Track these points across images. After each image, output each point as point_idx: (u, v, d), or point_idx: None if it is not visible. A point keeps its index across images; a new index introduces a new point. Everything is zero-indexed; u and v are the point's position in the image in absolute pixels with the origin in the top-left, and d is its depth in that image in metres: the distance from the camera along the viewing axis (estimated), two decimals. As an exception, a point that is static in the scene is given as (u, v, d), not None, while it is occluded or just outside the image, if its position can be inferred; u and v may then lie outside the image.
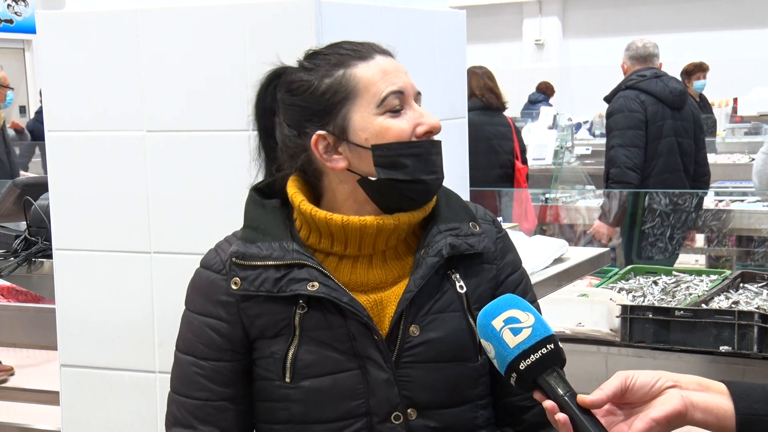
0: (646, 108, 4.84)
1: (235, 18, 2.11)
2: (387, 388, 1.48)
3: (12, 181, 3.56)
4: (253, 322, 1.52)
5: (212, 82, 2.14)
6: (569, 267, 2.91)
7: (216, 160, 2.16)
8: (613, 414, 1.28)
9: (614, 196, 4.96)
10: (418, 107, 1.53)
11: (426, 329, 1.51)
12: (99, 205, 2.27)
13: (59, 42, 2.27)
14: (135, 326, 2.26)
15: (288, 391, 1.50)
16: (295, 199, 1.54)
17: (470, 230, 1.56)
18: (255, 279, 1.50)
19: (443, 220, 1.56)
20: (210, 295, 1.55)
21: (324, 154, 1.52)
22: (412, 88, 1.53)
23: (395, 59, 1.56)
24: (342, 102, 1.50)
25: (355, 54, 1.53)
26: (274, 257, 1.50)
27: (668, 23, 16.65)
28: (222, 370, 1.54)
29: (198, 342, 1.55)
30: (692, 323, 2.91)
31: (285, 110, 1.56)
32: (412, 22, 2.38)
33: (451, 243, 1.52)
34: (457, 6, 2.66)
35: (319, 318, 1.49)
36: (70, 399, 2.36)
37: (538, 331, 1.32)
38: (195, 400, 1.56)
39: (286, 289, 1.49)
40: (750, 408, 1.28)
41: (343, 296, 1.48)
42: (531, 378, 1.30)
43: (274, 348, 1.51)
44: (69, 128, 2.29)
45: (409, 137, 1.50)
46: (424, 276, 1.50)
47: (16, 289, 3.77)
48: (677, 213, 4.93)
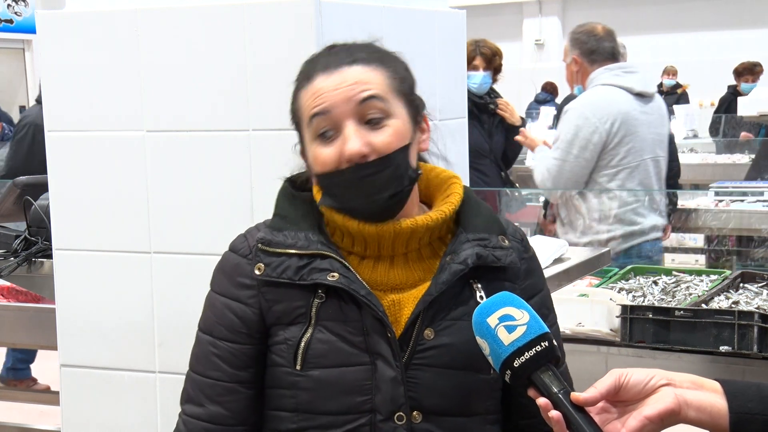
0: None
1: (235, 18, 2.11)
2: (393, 387, 1.48)
3: (12, 181, 3.56)
4: (271, 307, 1.54)
5: (212, 82, 2.14)
6: (569, 267, 2.91)
7: (216, 160, 2.16)
8: (607, 412, 1.29)
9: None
10: (348, 132, 1.48)
11: (441, 334, 1.51)
12: (99, 205, 2.27)
13: (59, 42, 2.27)
14: (135, 326, 2.26)
15: (297, 378, 1.52)
16: (317, 198, 1.56)
17: (498, 243, 1.55)
18: (278, 266, 1.52)
19: (474, 228, 1.55)
20: (233, 278, 1.57)
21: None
22: (349, 102, 1.48)
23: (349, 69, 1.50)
24: (298, 126, 1.56)
25: (303, 75, 1.54)
26: (299, 246, 1.52)
27: (668, 23, 16.65)
28: (236, 352, 1.56)
29: (217, 322, 1.58)
30: (692, 323, 2.91)
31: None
32: (412, 22, 2.38)
33: (478, 253, 1.52)
34: (457, 6, 2.66)
35: (335, 309, 1.50)
36: (70, 399, 2.36)
37: (533, 328, 1.32)
38: (208, 378, 1.58)
39: (306, 278, 1.50)
40: (744, 407, 1.28)
41: (360, 289, 1.49)
42: (525, 375, 1.31)
43: (287, 335, 1.52)
44: (69, 128, 2.29)
45: (337, 165, 1.49)
46: (447, 282, 1.50)
47: (16, 289, 3.77)
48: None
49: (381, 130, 1.49)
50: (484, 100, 4.94)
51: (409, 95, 1.55)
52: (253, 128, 2.11)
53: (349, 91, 1.48)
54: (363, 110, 1.48)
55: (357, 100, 1.48)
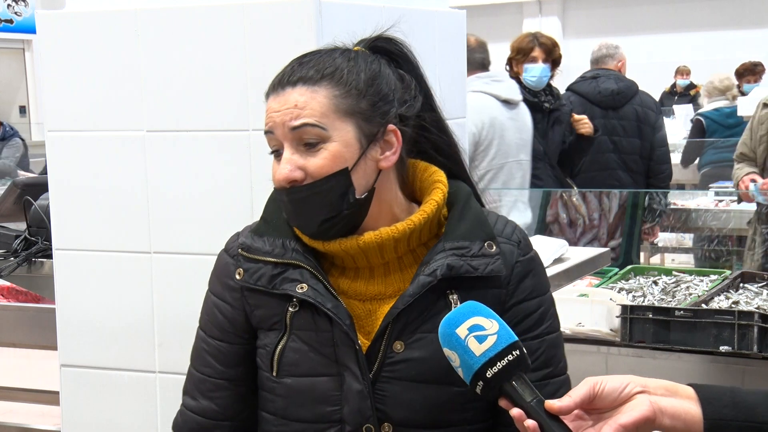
0: (572, 109, 4.97)
1: (235, 18, 2.11)
2: (360, 400, 1.48)
3: (12, 181, 3.56)
4: (253, 311, 1.56)
5: (212, 82, 2.14)
6: (569, 267, 2.92)
7: (216, 160, 2.16)
8: (582, 419, 1.27)
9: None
10: (285, 153, 1.47)
11: (411, 347, 1.48)
12: (99, 205, 2.27)
13: (59, 42, 2.27)
14: (135, 326, 2.26)
15: (273, 384, 1.54)
16: None
17: (481, 251, 1.50)
18: (254, 272, 1.54)
19: (453, 237, 1.51)
20: (222, 278, 1.61)
21: None
22: (284, 127, 1.46)
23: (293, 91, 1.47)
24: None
25: (269, 88, 1.52)
26: (274, 254, 1.53)
27: (668, 23, 16.65)
28: (223, 350, 1.60)
29: (208, 320, 1.62)
30: (692, 323, 2.91)
31: None
32: (412, 22, 2.38)
33: (449, 263, 1.47)
34: (457, 6, 2.66)
35: (308, 319, 1.51)
36: (70, 399, 2.36)
37: (503, 338, 1.29)
38: (200, 374, 1.63)
39: (278, 287, 1.52)
40: (718, 413, 1.27)
41: (328, 302, 1.48)
42: (497, 386, 1.28)
43: (267, 340, 1.55)
44: (69, 128, 2.29)
45: (277, 186, 1.51)
46: (414, 294, 1.47)
47: (16, 289, 3.77)
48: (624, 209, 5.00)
49: (317, 154, 1.46)
50: (538, 98, 4.66)
51: (365, 112, 1.48)
52: (253, 128, 2.11)
53: (286, 115, 1.46)
54: (299, 135, 1.46)
55: (290, 126, 1.46)
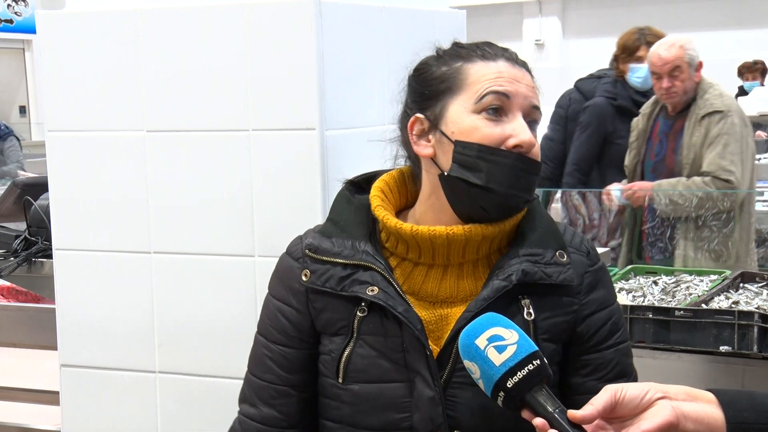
0: (570, 105, 4.93)
1: (235, 18, 2.11)
2: (431, 407, 1.45)
3: (12, 181, 3.56)
4: (319, 314, 1.53)
5: (212, 82, 2.14)
6: (569, 267, 2.91)
7: (216, 160, 2.16)
8: (604, 429, 1.27)
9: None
10: (519, 120, 1.47)
11: None
12: (99, 205, 2.27)
13: (59, 42, 2.27)
14: (135, 326, 2.26)
15: (339, 391, 1.51)
16: (372, 203, 1.54)
17: (554, 259, 1.50)
18: (323, 274, 1.51)
19: (527, 244, 1.50)
20: (285, 281, 1.57)
21: (415, 137, 1.52)
22: (525, 100, 1.48)
23: (527, 73, 1.52)
24: (446, 91, 1.50)
25: (482, 53, 1.51)
26: (344, 255, 1.51)
27: (668, 23, 16.64)
28: (288, 356, 1.56)
29: (270, 325, 1.59)
30: (692, 323, 2.91)
31: (406, 90, 1.58)
32: (412, 22, 2.38)
33: (525, 269, 1.47)
34: (457, 6, 2.66)
35: (376, 324, 1.48)
36: (70, 399, 2.36)
37: (523, 347, 1.29)
38: (262, 381, 1.59)
39: (348, 289, 1.49)
40: (740, 416, 1.27)
41: (399, 305, 1.46)
42: (519, 396, 1.27)
43: (332, 346, 1.51)
44: (69, 128, 2.29)
45: (496, 145, 1.46)
46: (488, 298, 1.46)
47: (16, 289, 3.77)
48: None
49: (535, 138, 1.50)
50: (646, 98, 4.47)
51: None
52: (253, 128, 2.11)
53: (528, 91, 1.50)
54: (530, 113, 1.50)
55: (531, 103, 1.50)
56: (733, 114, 3.99)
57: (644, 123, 4.29)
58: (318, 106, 2.04)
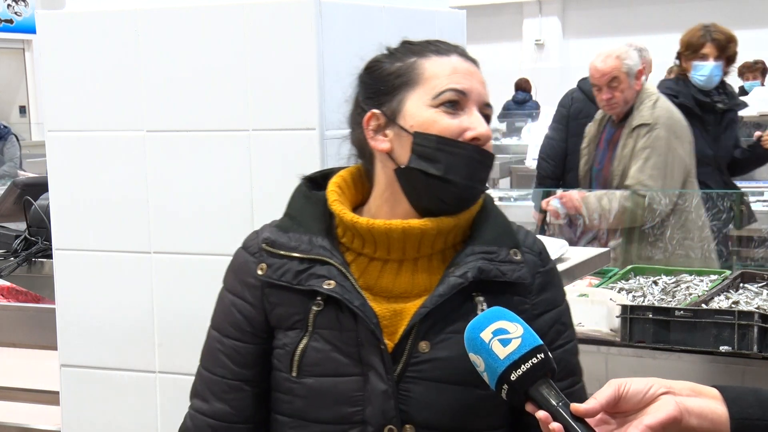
0: (572, 104, 4.96)
1: (235, 18, 2.11)
2: (384, 400, 1.47)
3: (12, 181, 3.56)
4: (273, 309, 1.54)
5: (212, 82, 2.14)
6: (569, 267, 2.91)
7: (216, 160, 2.16)
8: (607, 423, 1.27)
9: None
10: (475, 113, 1.51)
11: (437, 347, 1.48)
12: (99, 205, 2.27)
13: (59, 42, 2.27)
14: (135, 326, 2.26)
15: (293, 385, 1.52)
16: (329, 198, 1.55)
17: (508, 257, 1.52)
18: (279, 268, 1.52)
19: (482, 241, 1.52)
20: (240, 275, 1.58)
21: (372, 132, 1.54)
22: (479, 96, 1.52)
23: (477, 69, 1.55)
24: (402, 86, 1.52)
25: (435, 48, 1.54)
26: (300, 249, 1.52)
27: (668, 23, 16.65)
28: (241, 350, 1.57)
29: (224, 320, 1.59)
30: (692, 323, 2.91)
31: (359, 87, 1.59)
32: (412, 22, 2.38)
33: (480, 267, 1.49)
34: (457, 6, 2.66)
35: (332, 318, 1.49)
36: (70, 399, 2.36)
37: (528, 341, 1.30)
38: (214, 375, 1.59)
39: (304, 283, 1.50)
40: (744, 412, 1.27)
41: (355, 299, 1.47)
42: (522, 389, 1.28)
43: (286, 340, 1.52)
44: (69, 128, 2.29)
45: (455, 137, 1.49)
46: (443, 295, 1.48)
47: (16, 289, 3.77)
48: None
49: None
50: (710, 98, 4.40)
51: None
52: (253, 128, 2.11)
53: (482, 87, 1.53)
54: (483, 110, 1.53)
55: (485, 100, 1.53)
56: (659, 127, 3.97)
57: (595, 129, 4.34)
58: (318, 106, 2.04)
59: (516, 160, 8.78)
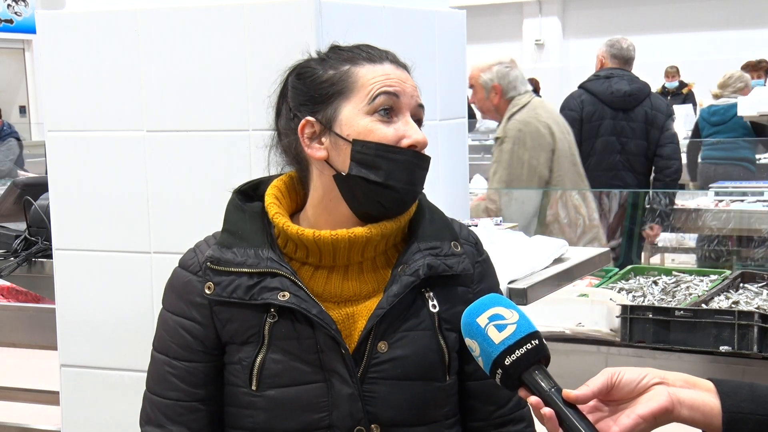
0: (583, 107, 5.00)
1: (235, 18, 2.11)
2: (350, 403, 1.48)
3: (12, 181, 3.56)
4: (225, 326, 1.53)
5: (212, 82, 2.14)
6: (569, 267, 2.91)
7: (216, 160, 2.16)
8: (599, 410, 1.28)
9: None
10: (410, 121, 1.52)
11: (394, 346, 1.50)
12: (99, 205, 2.27)
13: (59, 42, 2.27)
14: (135, 326, 2.26)
15: (253, 398, 1.51)
16: (270, 210, 1.54)
17: (451, 250, 1.55)
18: (228, 285, 1.51)
19: (425, 237, 1.55)
20: (185, 296, 1.56)
21: (307, 140, 1.53)
22: (411, 99, 1.53)
23: (409, 75, 1.56)
24: (337, 94, 1.52)
25: (367, 56, 1.54)
26: (248, 264, 1.51)
27: (668, 23, 16.65)
28: (194, 371, 1.55)
29: (171, 342, 1.56)
30: (692, 323, 2.91)
31: (290, 93, 1.58)
32: (412, 22, 2.38)
33: (429, 263, 1.52)
34: (457, 6, 2.66)
35: (288, 328, 1.49)
36: (70, 399, 2.36)
37: (523, 327, 1.31)
38: (167, 399, 1.56)
39: (257, 297, 1.49)
40: (737, 406, 1.28)
41: (312, 308, 1.48)
42: (516, 374, 1.30)
43: (242, 354, 1.51)
44: (69, 128, 2.29)
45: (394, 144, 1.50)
46: (398, 294, 1.49)
47: (16, 289, 3.77)
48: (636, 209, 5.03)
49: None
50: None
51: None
52: (253, 128, 2.11)
53: (413, 90, 1.54)
54: (417, 112, 1.54)
55: (417, 102, 1.54)
56: (507, 140, 4.13)
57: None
58: (318, 106, 2.04)
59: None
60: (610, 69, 5.13)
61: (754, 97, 6.81)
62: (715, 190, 5.72)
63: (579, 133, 4.98)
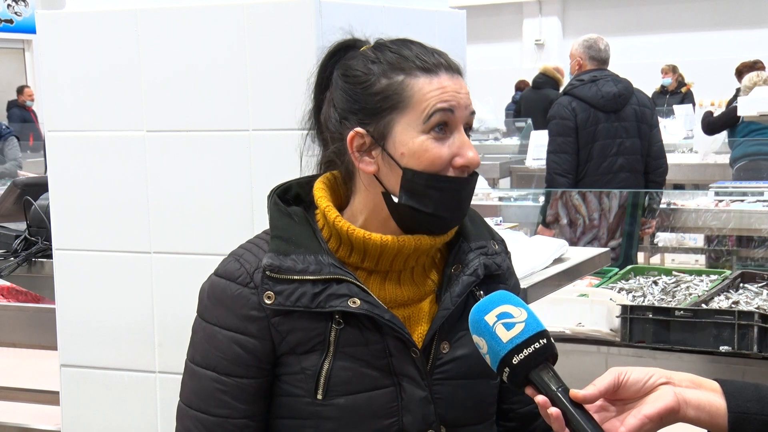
0: (577, 115, 5.01)
1: (235, 18, 2.11)
2: (423, 406, 1.46)
3: (12, 181, 3.56)
4: (285, 337, 1.46)
5: (212, 82, 2.14)
6: (569, 267, 2.91)
7: (216, 160, 2.16)
8: (606, 410, 1.29)
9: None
10: (464, 137, 1.45)
11: (456, 346, 1.50)
12: (99, 205, 2.27)
13: (59, 42, 2.27)
14: (135, 326, 2.26)
15: (319, 408, 1.46)
16: (329, 215, 1.49)
17: (494, 249, 1.56)
18: (291, 293, 1.44)
19: (471, 237, 1.54)
20: (237, 310, 1.47)
21: (356, 152, 1.47)
22: (466, 109, 1.46)
23: (461, 78, 1.50)
24: (391, 108, 1.44)
25: (421, 64, 1.47)
26: (312, 271, 1.44)
27: (668, 23, 16.65)
28: (246, 387, 1.48)
29: (222, 358, 1.48)
30: (692, 323, 2.91)
31: (336, 91, 1.50)
32: (412, 22, 2.38)
33: (485, 263, 1.52)
34: (457, 6, 2.66)
35: (355, 334, 1.45)
36: (70, 399, 2.36)
37: (531, 326, 1.32)
38: (215, 417, 1.48)
39: (325, 305, 1.43)
40: (742, 406, 1.28)
41: (384, 313, 1.44)
42: (523, 373, 1.30)
43: (305, 364, 1.46)
44: (69, 128, 2.29)
45: (446, 165, 1.44)
46: (461, 294, 1.49)
47: (16, 289, 3.77)
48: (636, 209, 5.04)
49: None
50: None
51: None
52: (253, 128, 2.11)
53: (467, 99, 1.47)
54: (469, 120, 1.48)
55: (470, 110, 1.47)
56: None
57: None
58: (318, 106, 2.04)
59: (516, 160, 8.78)
60: (591, 72, 5.14)
61: (755, 97, 6.80)
62: (715, 190, 5.72)
63: (576, 141, 5.01)
